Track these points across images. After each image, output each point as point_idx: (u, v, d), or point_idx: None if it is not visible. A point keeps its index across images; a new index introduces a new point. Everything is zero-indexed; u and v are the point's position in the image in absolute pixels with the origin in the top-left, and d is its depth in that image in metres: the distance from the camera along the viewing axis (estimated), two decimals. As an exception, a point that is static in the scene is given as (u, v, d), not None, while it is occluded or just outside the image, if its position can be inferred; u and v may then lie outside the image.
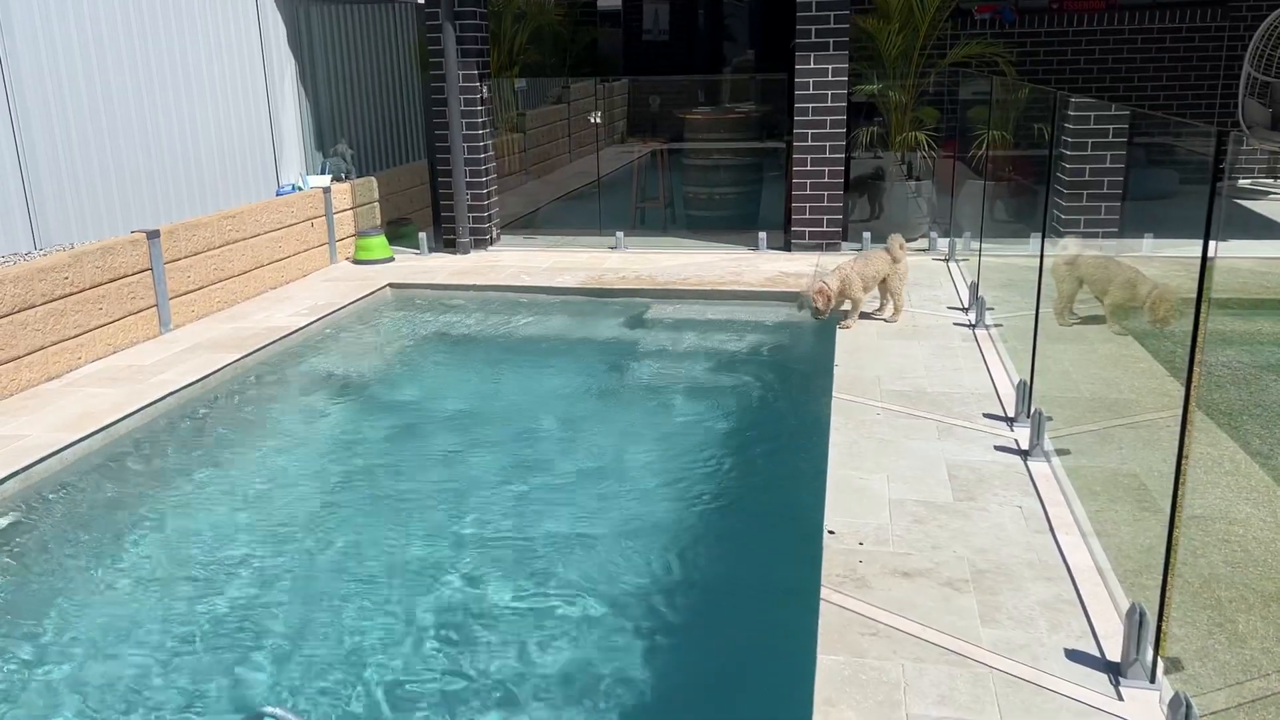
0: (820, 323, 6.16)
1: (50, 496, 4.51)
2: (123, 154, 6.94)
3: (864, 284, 6.14)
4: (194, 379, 5.60)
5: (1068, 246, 6.44)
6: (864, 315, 6.27)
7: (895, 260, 6.25)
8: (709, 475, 4.76)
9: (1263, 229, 8.63)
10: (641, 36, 15.61)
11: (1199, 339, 2.51)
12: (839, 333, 6.01)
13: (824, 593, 3.21)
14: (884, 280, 6.26)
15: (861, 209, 8.88)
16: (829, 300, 5.96)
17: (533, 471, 4.88)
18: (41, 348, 5.51)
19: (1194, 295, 2.48)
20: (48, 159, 6.33)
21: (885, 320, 6.26)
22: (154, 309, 6.36)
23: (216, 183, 7.90)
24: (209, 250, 6.87)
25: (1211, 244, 2.42)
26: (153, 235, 6.33)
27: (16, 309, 5.33)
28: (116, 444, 4.97)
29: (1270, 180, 10.75)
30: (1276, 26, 9.34)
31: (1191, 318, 2.52)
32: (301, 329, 6.59)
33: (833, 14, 7.74)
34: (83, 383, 5.55)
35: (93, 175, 6.69)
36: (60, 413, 5.10)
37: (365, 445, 5.34)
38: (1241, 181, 10.67)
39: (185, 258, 6.63)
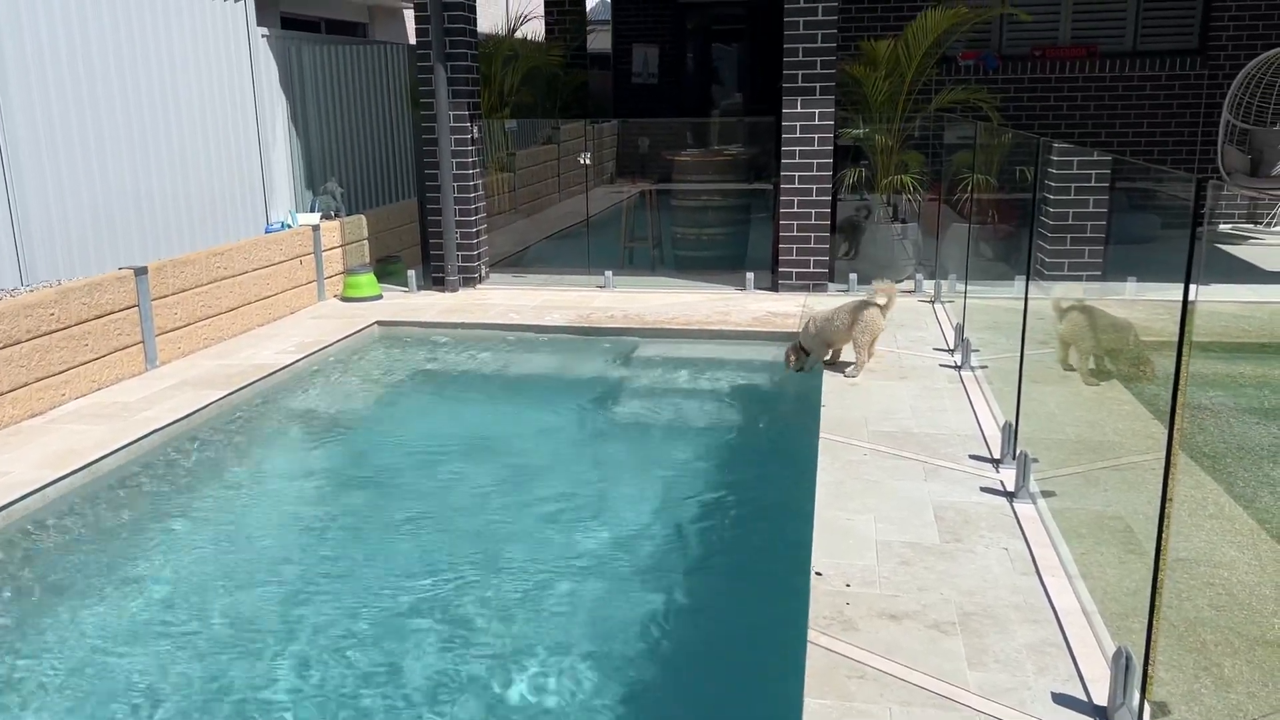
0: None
1: (31, 534, 4.46)
2: (112, 191, 6.96)
3: (818, 333, 6.02)
4: (179, 416, 5.58)
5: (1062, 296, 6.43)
6: (826, 364, 6.13)
7: (875, 306, 5.96)
8: (695, 515, 4.76)
9: (1244, 273, 8.73)
10: (631, 79, 15.80)
11: (1181, 382, 2.54)
12: (825, 373, 6.03)
13: (811, 635, 3.19)
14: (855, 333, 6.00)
15: (848, 251, 8.95)
16: (795, 355, 6.11)
17: (516, 510, 4.87)
18: (26, 384, 5.48)
19: (1175, 337, 2.51)
20: (36, 196, 6.34)
21: (845, 374, 5.99)
22: (140, 345, 6.35)
23: (206, 220, 7.92)
24: (197, 287, 6.86)
25: (1192, 290, 2.45)
26: (140, 272, 6.33)
27: (2, 345, 5.30)
28: (99, 481, 4.93)
29: (1251, 225, 10.90)
30: (1254, 75, 9.53)
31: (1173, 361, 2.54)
32: (288, 366, 6.58)
33: (819, 60, 7.86)
34: (67, 419, 5.52)
35: (82, 212, 6.69)
36: (43, 449, 5.06)
37: (349, 485, 5.31)
38: (1222, 226, 10.81)
39: (173, 294, 6.62)
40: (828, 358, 6.19)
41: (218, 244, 7.63)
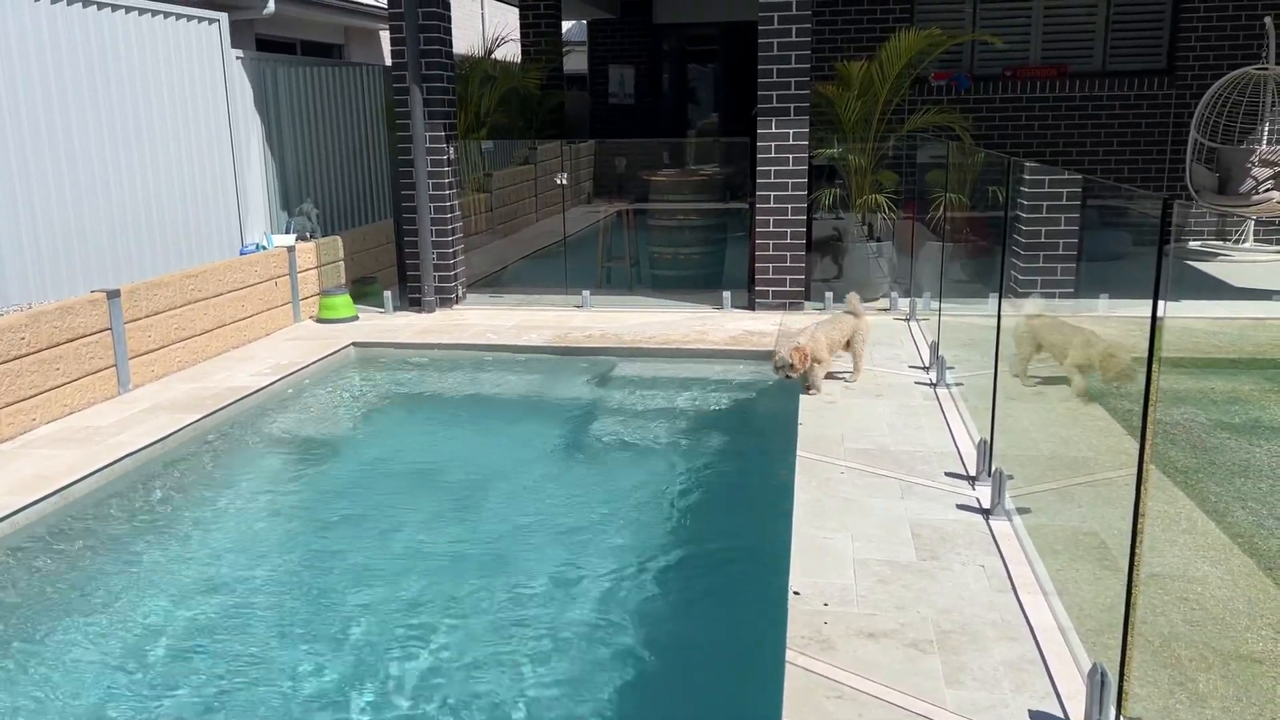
0: (784, 381, 6.20)
1: (3, 560, 4.39)
2: (85, 214, 6.91)
3: (830, 347, 6.12)
4: (152, 440, 5.52)
5: (1025, 306, 6.60)
6: (829, 375, 6.28)
7: (857, 317, 6.29)
8: (672, 534, 4.75)
9: (1213, 290, 8.84)
10: (608, 100, 15.87)
11: (1151, 397, 2.56)
12: (803, 391, 6.05)
13: (789, 655, 3.19)
14: (848, 342, 6.29)
15: (824, 269, 9.01)
16: (805, 359, 5.84)
17: (488, 532, 4.84)
18: (-4, 408, 5.42)
19: (1146, 354, 2.54)
20: (6, 218, 6.28)
21: (846, 381, 6.27)
22: (113, 369, 6.28)
23: (180, 242, 7.87)
24: (170, 310, 6.81)
25: (1161, 307, 2.48)
26: (113, 295, 6.28)
27: (-29, 369, 5.24)
28: (72, 506, 4.87)
29: (1220, 242, 11.05)
30: (1221, 94, 9.68)
31: (1143, 376, 2.57)
32: (263, 389, 6.53)
33: (793, 81, 7.92)
34: (39, 444, 5.45)
35: (54, 235, 6.64)
36: (15, 474, 5.00)
37: (322, 509, 5.27)
38: (1192, 243, 10.95)
39: (146, 317, 6.57)
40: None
41: (192, 266, 7.58)
